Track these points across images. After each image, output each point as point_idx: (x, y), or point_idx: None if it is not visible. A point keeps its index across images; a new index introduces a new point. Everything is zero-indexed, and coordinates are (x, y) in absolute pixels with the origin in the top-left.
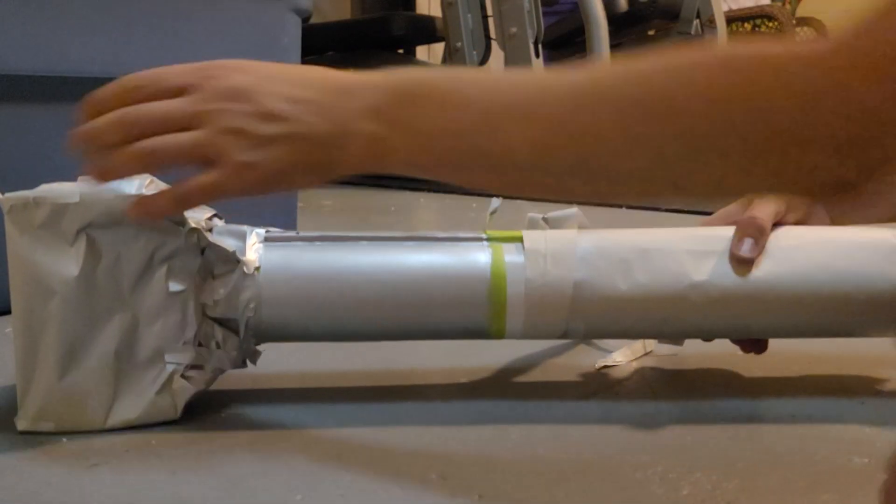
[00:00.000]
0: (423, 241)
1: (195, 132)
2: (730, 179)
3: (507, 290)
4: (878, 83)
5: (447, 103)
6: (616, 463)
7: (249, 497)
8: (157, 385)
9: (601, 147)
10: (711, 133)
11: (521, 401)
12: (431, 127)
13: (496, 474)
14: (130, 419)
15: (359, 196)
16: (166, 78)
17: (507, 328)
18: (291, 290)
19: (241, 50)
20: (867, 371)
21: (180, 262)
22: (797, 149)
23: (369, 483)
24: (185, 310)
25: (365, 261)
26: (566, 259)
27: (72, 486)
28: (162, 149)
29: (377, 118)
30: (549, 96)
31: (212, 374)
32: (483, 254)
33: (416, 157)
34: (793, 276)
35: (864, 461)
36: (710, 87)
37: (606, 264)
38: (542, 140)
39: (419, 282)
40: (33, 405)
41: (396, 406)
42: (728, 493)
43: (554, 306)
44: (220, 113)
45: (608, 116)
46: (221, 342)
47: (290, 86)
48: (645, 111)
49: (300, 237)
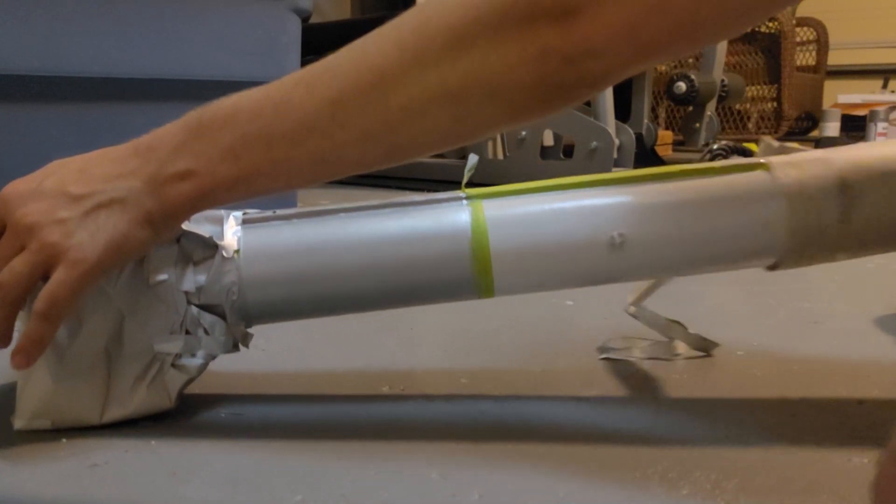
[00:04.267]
0: (401, 206)
1: (25, 250)
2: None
3: (490, 246)
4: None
5: (235, 114)
6: (616, 462)
7: (249, 497)
8: (150, 376)
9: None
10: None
11: (521, 400)
12: (230, 139)
13: (496, 474)
14: (126, 413)
15: (359, 196)
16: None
17: (496, 285)
18: (273, 269)
19: (242, 50)
20: (867, 371)
21: (157, 253)
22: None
23: (369, 483)
24: (169, 299)
25: (344, 232)
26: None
27: (72, 486)
28: (5, 279)
29: (181, 157)
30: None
31: (203, 360)
32: (463, 212)
33: (230, 174)
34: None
35: (863, 461)
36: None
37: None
38: (330, 98)
39: (401, 247)
40: (29, 404)
41: (396, 405)
42: (727, 493)
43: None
44: (32, 219)
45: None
46: (209, 328)
47: (82, 167)
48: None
49: (277, 216)
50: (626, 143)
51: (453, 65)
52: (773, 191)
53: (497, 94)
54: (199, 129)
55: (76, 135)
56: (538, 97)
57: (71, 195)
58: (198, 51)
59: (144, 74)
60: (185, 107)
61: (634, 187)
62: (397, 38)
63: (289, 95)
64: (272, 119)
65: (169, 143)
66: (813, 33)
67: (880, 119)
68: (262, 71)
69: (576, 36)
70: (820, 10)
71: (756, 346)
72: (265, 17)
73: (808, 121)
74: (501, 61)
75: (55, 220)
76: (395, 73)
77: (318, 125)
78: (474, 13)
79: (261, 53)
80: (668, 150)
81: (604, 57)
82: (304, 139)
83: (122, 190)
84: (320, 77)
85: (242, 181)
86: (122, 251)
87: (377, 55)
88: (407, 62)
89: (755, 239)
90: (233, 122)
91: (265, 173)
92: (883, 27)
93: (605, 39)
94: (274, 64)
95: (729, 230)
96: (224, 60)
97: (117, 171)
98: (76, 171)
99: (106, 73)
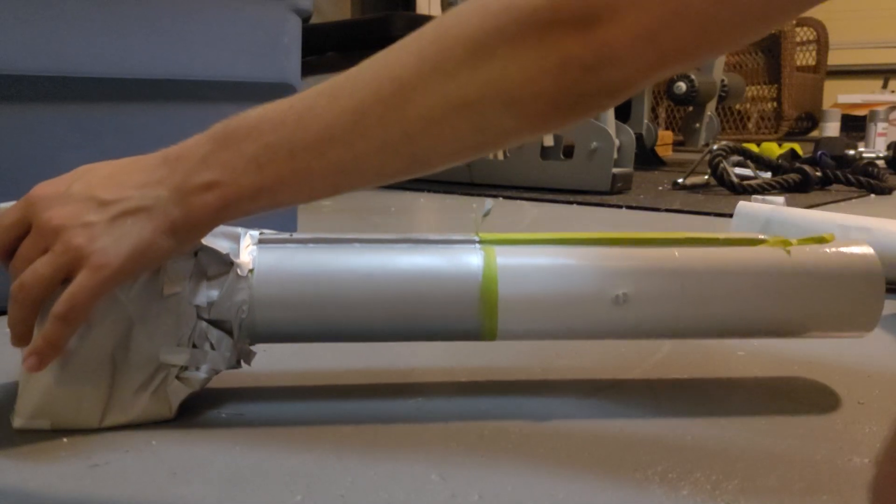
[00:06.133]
0: (415, 243)
1: (49, 251)
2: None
3: (499, 291)
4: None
5: (259, 125)
6: (616, 463)
7: (249, 497)
8: (153, 386)
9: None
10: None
11: (521, 400)
12: (254, 149)
13: (496, 474)
14: (126, 419)
15: (358, 196)
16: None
17: (499, 329)
18: (285, 292)
19: (242, 50)
20: (867, 371)
21: (174, 265)
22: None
23: (369, 483)
24: (180, 312)
25: (357, 262)
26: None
27: (72, 487)
28: (28, 279)
29: (207, 167)
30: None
31: (206, 374)
32: (475, 256)
33: (254, 184)
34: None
35: (863, 461)
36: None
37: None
38: (353, 108)
39: (411, 284)
40: (30, 403)
41: (396, 405)
42: (728, 494)
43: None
44: (58, 222)
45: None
46: (216, 343)
47: (111, 174)
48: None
49: (294, 239)
50: (626, 143)
51: (473, 75)
52: (780, 267)
53: (517, 104)
54: (225, 139)
55: (78, 135)
56: (559, 107)
57: (98, 200)
58: (198, 51)
59: (145, 75)
60: (185, 107)
61: (641, 249)
62: (418, 48)
63: (311, 105)
64: (294, 129)
65: (196, 154)
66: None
67: (880, 119)
68: (263, 71)
69: (596, 44)
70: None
71: (756, 346)
72: (266, 17)
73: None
74: (521, 71)
75: (81, 223)
76: (414, 83)
77: (340, 135)
78: (493, 23)
79: (261, 54)
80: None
81: (624, 64)
82: (325, 149)
83: (149, 198)
84: (342, 87)
85: (266, 191)
86: (144, 259)
87: (397, 65)
88: (426, 72)
89: (758, 309)
90: (257, 132)
91: (288, 184)
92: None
93: (625, 47)
94: (274, 64)
95: (731, 298)
96: (225, 61)
97: (145, 179)
98: (105, 177)
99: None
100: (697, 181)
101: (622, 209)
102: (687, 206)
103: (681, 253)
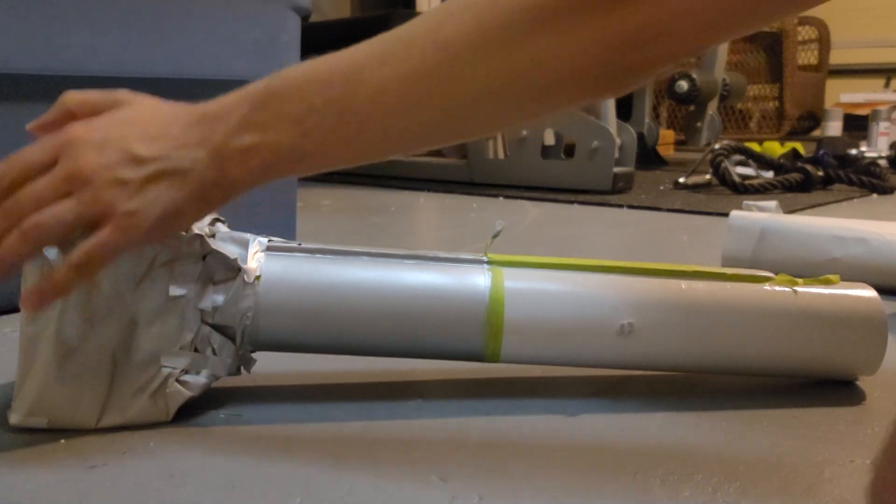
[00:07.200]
0: (424, 260)
1: (73, 197)
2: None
3: (505, 314)
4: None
5: (303, 85)
6: (617, 465)
7: (247, 500)
8: (152, 388)
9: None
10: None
11: (521, 403)
12: (298, 111)
13: (496, 474)
14: (123, 420)
15: (358, 196)
16: (27, 160)
17: (503, 352)
18: (290, 301)
19: (241, 48)
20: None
21: (181, 267)
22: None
23: (369, 484)
24: (184, 315)
25: (364, 276)
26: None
27: (70, 487)
28: (47, 220)
29: (246, 129)
30: (388, 47)
31: (207, 380)
32: (483, 276)
33: (297, 148)
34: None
35: (865, 463)
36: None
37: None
38: (402, 75)
39: (417, 301)
40: (27, 400)
41: (396, 406)
42: (729, 496)
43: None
44: (91, 170)
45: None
46: (218, 349)
47: (149, 126)
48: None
49: (302, 248)
50: (628, 142)
51: (522, 47)
52: (787, 308)
53: (561, 78)
54: (266, 99)
55: None
56: (602, 81)
57: (135, 156)
58: (197, 50)
59: (144, 73)
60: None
61: (649, 279)
62: (475, 15)
63: (359, 68)
64: (342, 93)
65: (235, 114)
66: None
67: (882, 118)
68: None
69: (639, 19)
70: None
71: None
72: (265, 16)
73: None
74: (565, 46)
75: (115, 178)
76: (466, 52)
77: (390, 102)
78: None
79: (261, 52)
80: (669, 150)
81: (667, 39)
82: (372, 115)
83: (186, 160)
84: (392, 51)
85: (309, 156)
86: (172, 226)
87: (452, 32)
88: (478, 42)
89: (762, 349)
90: (300, 93)
91: (332, 149)
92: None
93: (667, 22)
94: (274, 63)
95: (736, 335)
96: (224, 59)
97: (184, 138)
98: (143, 128)
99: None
100: (699, 181)
101: (623, 209)
102: (688, 206)
103: (687, 286)
